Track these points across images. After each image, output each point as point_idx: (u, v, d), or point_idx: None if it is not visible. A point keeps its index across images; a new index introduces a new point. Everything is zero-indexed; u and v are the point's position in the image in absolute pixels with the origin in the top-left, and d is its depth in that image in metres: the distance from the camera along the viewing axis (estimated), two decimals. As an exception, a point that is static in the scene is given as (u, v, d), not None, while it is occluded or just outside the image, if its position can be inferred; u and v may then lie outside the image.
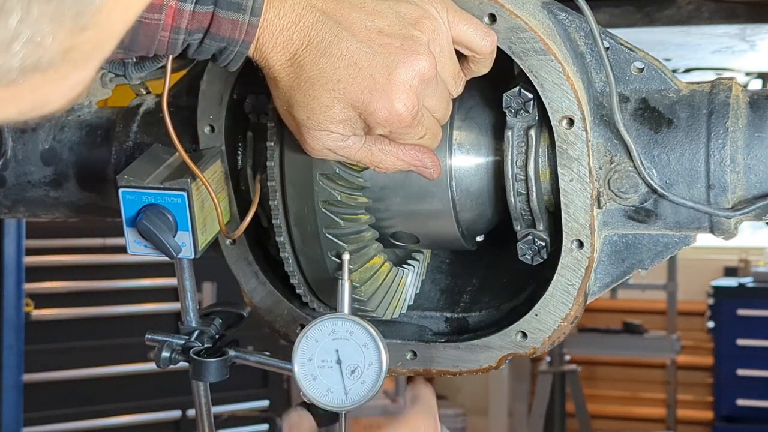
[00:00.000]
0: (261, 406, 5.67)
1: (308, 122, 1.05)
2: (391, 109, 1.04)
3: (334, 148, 1.07)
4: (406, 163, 1.12)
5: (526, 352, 1.25)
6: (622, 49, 1.22)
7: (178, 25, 1.01)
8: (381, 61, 1.03)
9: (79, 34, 0.57)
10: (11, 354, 3.64)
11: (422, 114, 1.08)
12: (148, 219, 1.16)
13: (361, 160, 1.10)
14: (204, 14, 1.01)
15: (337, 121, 1.05)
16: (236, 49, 1.03)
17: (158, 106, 1.42)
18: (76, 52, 0.58)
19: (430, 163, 1.13)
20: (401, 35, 1.04)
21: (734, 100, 1.18)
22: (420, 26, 1.06)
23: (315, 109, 1.04)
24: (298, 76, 1.04)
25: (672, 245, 1.23)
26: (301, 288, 1.26)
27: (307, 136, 1.07)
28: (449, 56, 1.10)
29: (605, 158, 1.19)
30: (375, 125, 1.05)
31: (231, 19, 1.01)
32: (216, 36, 1.02)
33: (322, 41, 1.03)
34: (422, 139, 1.10)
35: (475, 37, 1.11)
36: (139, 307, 5.26)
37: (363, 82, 1.03)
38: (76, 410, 5.07)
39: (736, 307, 6.63)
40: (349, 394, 1.14)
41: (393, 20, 1.05)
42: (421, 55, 1.04)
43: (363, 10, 1.05)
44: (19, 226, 3.69)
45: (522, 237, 1.23)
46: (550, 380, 6.26)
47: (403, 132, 1.07)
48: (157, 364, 1.23)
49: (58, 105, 0.61)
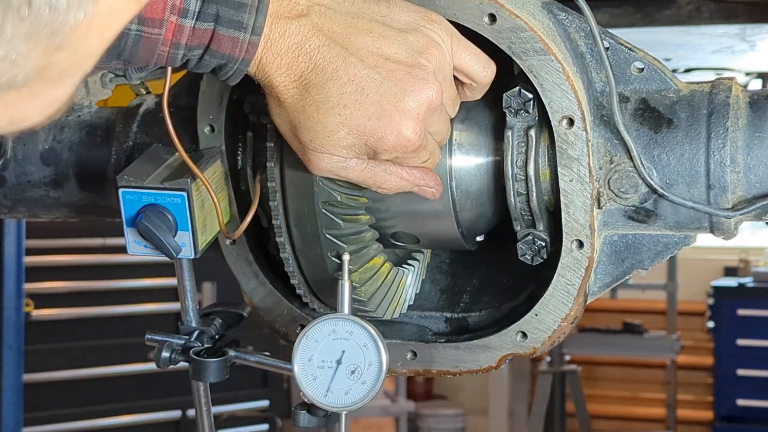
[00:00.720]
0: (261, 406, 5.67)
1: (311, 144, 1.05)
2: (399, 136, 1.04)
3: (336, 170, 1.08)
4: (410, 183, 1.13)
5: (526, 352, 1.25)
6: (622, 49, 1.22)
7: (178, 41, 1.00)
8: (389, 88, 1.03)
9: (54, 53, 0.57)
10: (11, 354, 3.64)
11: (427, 139, 1.09)
12: (148, 219, 1.16)
13: (363, 182, 1.10)
14: (204, 31, 1.01)
15: (342, 146, 1.05)
16: (236, 66, 1.03)
17: (158, 106, 1.42)
18: (52, 70, 0.57)
19: (432, 183, 1.15)
20: (409, 63, 1.05)
21: (734, 100, 1.18)
22: (427, 55, 1.06)
23: (319, 132, 1.04)
24: (303, 98, 1.03)
25: (672, 245, 1.23)
26: (302, 288, 1.26)
27: (311, 157, 1.07)
28: (450, 83, 1.10)
29: (605, 158, 1.19)
30: (382, 151, 1.06)
31: (231, 37, 1.01)
32: (216, 53, 1.02)
33: (329, 65, 1.02)
34: (425, 162, 1.12)
35: (476, 67, 1.12)
36: (139, 307, 5.27)
37: (370, 108, 1.03)
38: (76, 410, 5.07)
39: (736, 307, 6.63)
40: (349, 394, 1.14)
41: (400, 47, 1.05)
42: (429, 84, 1.05)
43: (370, 36, 1.04)
44: (19, 226, 3.69)
45: (522, 237, 1.23)
46: (550, 380, 6.26)
47: (408, 157, 1.08)
48: (157, 364, 1.23)
49: (35, 120, 0.61)
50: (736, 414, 6.62)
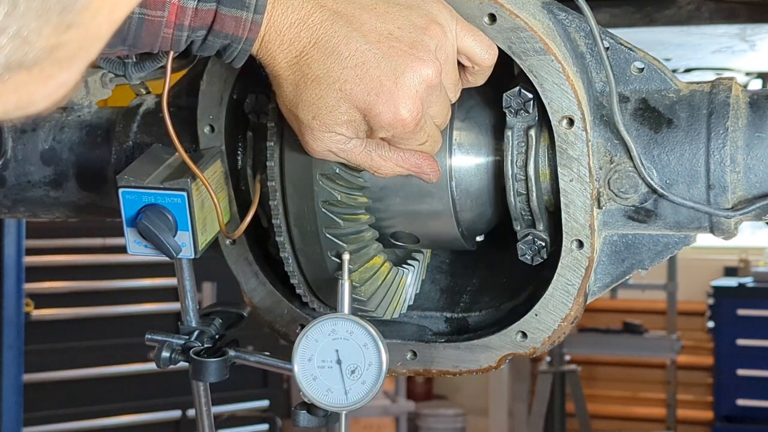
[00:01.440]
0: (261, 406, 5.67)
1: (313, 122, 1.05)
2: (396, 113, 1.04)
3: (335, 150, 1.08)
4: (406, 168, 1.12)
5: (526, 352, 1.25)
6: (622, 49, 1.22)
7: (182, 22, 1.01)
8: (389, 64, 1.03)
9: (64, 32, 0.57)
10: (11, 354, 3.63)
11: (425, 120, 1.08)
12: (148, 219, 1.16)
13: (361, 164, 1.10)
14: (207, 11, 1.01)
15: (342, 122, 1.05)
16: (240, 46, 1.03)
17: (158, 106, 1.42)
18: (62, 51, 0.58)
19: (429, 169, 1.14)
20: (410, 40, 1.04)
21: (734, 100, 1.19)
22: (429, 32, 1.06)
23: (321, 108, 1.04)
24: (305, 74, 1.03)
25: (672, 245, 1.23)
26: (301, 288, 1.26)
27: (310, 137, 1.07)
28: (453, 64, 1.10)
29: (605, 158, 1.19)
30: (378, 128, 1.06)
31: (234, 17, 1.01)
32: (219, 33, 1.02)
33: (331, 40, 1.02)
34: (423, 145, 1.11)
35: (479, 50, 1.11)
36: (139, 307, 5.26)
37: (370, 83, 1.03)
38: (76, 410, 5.07)
39: (736, 307, 6.63)
40: (349, 394, 1.14)
41: (403, 24, 1.05)
42: (428, 62, 1.05)
43: (374, 12, 1.04)
44: (19, 226, 3.69)
45: (522, 237, 1.23)
46: (550, 380, 6.26)
47: (405, 137, 1.08)
48: (157, 364, 1.23)
49: (42, 105, 0.61)
50: (736, 414, 6.62)
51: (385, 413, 6.57)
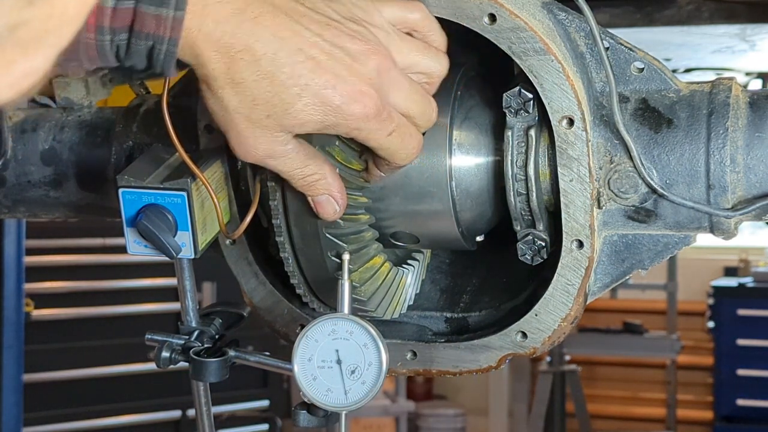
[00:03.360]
0: (261, 406, 5.68)
1: (265, 121, 1.01)
2: (353, 102, 1.01)
3: (274, 153, 1.04)
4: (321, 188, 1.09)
5: (526, 352, 1.25)
6: (622, 49, 1.22)
7: (101, 24, 0.95)
8: (338, 53, 1.00)
9: (26, 8, 0.53)
10: (11, 354, 3.64)
11: (389, 111, 1.04)
12: (148, 219, 1.16)
13: (287, 172, 1.07)
14: (126, 10, 0.95)
15: (298, 121, 1.01)
16: (164, 48, 0.96)
17: (158, 106, 1.42)
18: (25, 30, 0.54)
19: (338, 196, 1.10)
20: (353, 28, 1.02)
21: (734, 100, 1.19)
22: (370, 16, 1.04)
23: (276, 106, 1.00)
24: (254, 72, 0.98)
25: (672, 245, 1.23)
26: (301, 288, 1.26)
27: (252, 136, 1.02)
28: (400, 39, 1.07)
29: (605, 158, 1.19)
30: (342, 122, 1.02)
31: (155, 15, 0.94)
32: (140, 34, 0.96)
33: (276, 35, 0.98)
34: (390, 136, 1.06)
35: (407, 13, 1.09)
36: (139, 307, 5.27)
37: (324, 76, 1.00)
38: (76, 410, 5.07)
39: (736, 307, 6.64)
40: (349, 394, 1.14)
41: (342, 10, 1.03)
42: (376, 46, 1.02)
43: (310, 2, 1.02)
44: (19, 226, 3.69)
45: (522, 237, 1.23)
46: (550, 380, 6.26)
47: (367, 128, 1.04)
48: (157, 364, 1.23)
49: (7, 95, 0.57)
50: (736, 414, 6.63)
51: (385, 413, 6.57)
